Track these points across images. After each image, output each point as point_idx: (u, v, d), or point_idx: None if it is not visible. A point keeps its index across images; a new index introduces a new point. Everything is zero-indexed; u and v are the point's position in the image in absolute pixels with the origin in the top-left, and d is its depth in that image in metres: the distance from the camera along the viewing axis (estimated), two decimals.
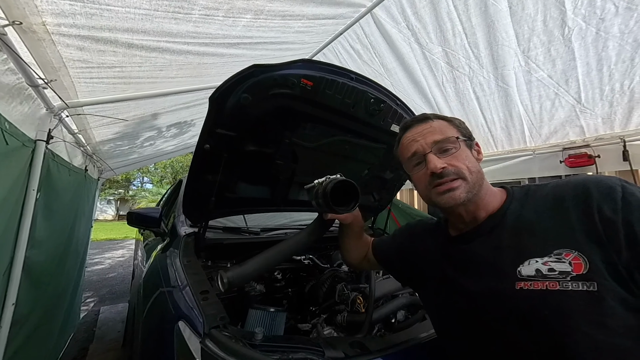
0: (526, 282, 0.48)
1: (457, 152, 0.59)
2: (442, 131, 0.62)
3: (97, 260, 6.56)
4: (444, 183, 0.58)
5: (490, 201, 0.60)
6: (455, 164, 0.58)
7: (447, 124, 0.64)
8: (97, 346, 2.46)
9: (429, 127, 0.63)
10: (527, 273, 0.48)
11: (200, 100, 2.24)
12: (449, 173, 0.58)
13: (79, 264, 2.45)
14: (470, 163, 0.59)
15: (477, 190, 0.58)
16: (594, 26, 1.34)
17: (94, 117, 1.75)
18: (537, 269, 0.47)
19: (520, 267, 0.49)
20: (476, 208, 0.60)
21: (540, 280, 0.47)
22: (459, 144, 0.60)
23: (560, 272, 0.45)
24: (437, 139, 0.61)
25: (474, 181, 0.58)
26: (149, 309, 1.06)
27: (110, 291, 4.25)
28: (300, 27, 1.63)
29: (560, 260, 0.46)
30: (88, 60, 1.23)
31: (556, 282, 0.45)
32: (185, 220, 1.41)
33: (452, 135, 0.61)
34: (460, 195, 0.57)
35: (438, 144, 0.60)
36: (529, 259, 0.49)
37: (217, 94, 0.90)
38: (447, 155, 0.60)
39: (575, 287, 0.44)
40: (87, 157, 2.24)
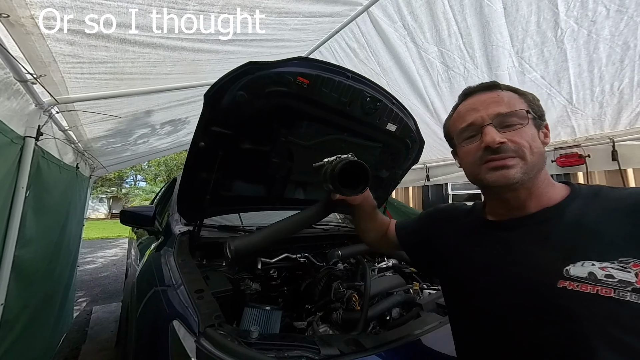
0: (572, 282, 0.44)
1: (522, 128, 0.52)
2: (511, 103, 0.54)
3: (89, 260, 6.46)
4: (498, 159, 0.52)
5: (547, 192, 0.54)
6: (518, 140, 0.51)
7: (517, 96, 0.56)
8: (90, 346, 2.43)
9: (495, 97, 0.56)
10: (577, 274, 0.44)
11: (195, 98, 2.22)
12: (507, 149, 0.51)
13: (71, 263, 2.40)
14: (535, 143, 0.52)
15: (535, 174, 0.52)
16: (585, 28, 1.36)
17: (85, 114, 1.72)
18: (591, 272, 0.43)
19: (569, 266, 0.45)
20: (528, 196, 0.54)
21: (591, 284, 0.43)
22: (527, 119, 0.53)
23: (620, 280, 0.41)
24: (503, 112, 0.53)
25: (534, 163, 0.52)
26: (142, 308, 1.05)
27: (103, 290, 4.19)
28: (297, 24, 1.61)
29: (625, 269, 0.41)
30: (79, 55, 1.20)
31: (612, 289, 0.41)
32: (179, 218, 1.40)
33: (521, 108, 0.53)
34: (515, 174, 0.51)
35: (502, 117, 0.53)
36: (584, 260, 0.44)
37: (212, 91, 0.89)
38: (510, 130, 0.53)
39: (635, 300, 0.40)
40: (78, 155, 2.20)
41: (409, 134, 1.27)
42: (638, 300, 0.40)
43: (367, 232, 0.90)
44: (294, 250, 1.42)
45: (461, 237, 0.64)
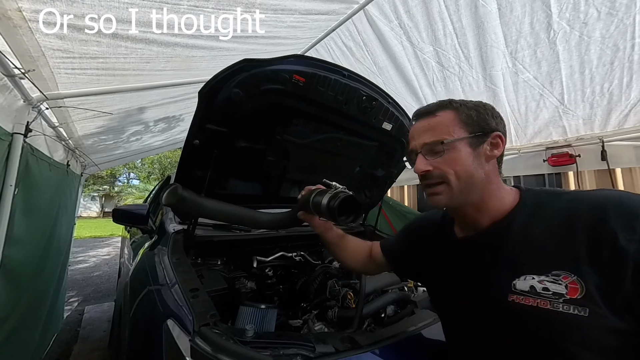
0: (518, 296, 0.48)
1: (446, 154, 0.55)
2: (437, 131, 0.57)
3: (81, 259, 6.35)
4: (429, 186, 0.58)
5: (495, 206, 0.57)
6: (442, 167, 0.56)
7: (452, 118, 0.57)
8: (82, 346, 2.39)
9: (426, 125, 0.59)
10: (521, 288, 0.48)
11: (189, 95, 2.19)
12: (432, 177, 0.57)
13: (62, 262, 2.36)
14: (462, 166, 0.55)
15: (468, 195, 0.56)
16: (577, 30, 1.39)
17: (76, 110, 1.68)
18: (532, 285, 0.47)
19: (516, 281, 0.49)
20: (476, 212, 0.58)
21: (532, 297, 0.47)
22: (451, 146, 0.55)
23: (554, 292, 0.45)
24: (427, 141, 0.57)
25: (461, 187, 0.55)
26: (136, 307, 1.04)
27: (96, 290, 4.13)
28: (293, 21, 1.60)
29: (557, 282, 0.45)
30: (69, 50, 1.17)
31: (547, 301, 0.45)
32: (173, 217, 1.38)
33: (442, 138, 0.56)
34: (441, 200, 0.57)
35: (428, 146, 0.57)
36: (526, 275, 0.48)
37: (207, 89, 0.88)
38: (436, 157, 0.56)
39: (566, 310, 0.44)
40: (69, 152, 2.15)
41: (405, 132, 1.28)
42: (569, 310, 0.44)
43: (345, 260, 0.92)
44: (290, 249, 1.42)
45: (436, 255, 0.70)
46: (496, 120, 0.59)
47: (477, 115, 0.58)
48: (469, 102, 0.60)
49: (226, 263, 1.27)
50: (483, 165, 0.56)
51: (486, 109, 0.59)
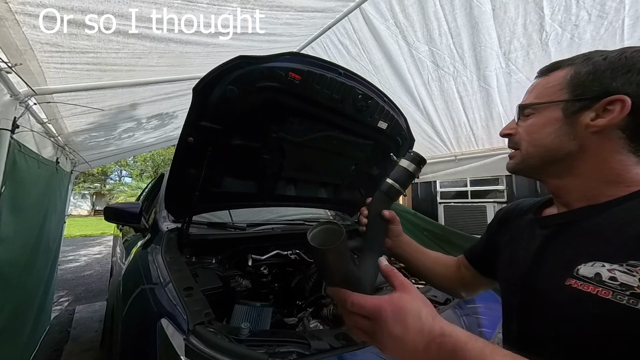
0: (577, 281, 0.43)
1: (531, 119, 0.53)
2: (538, 93, 0.53)
3: (71, 258, 6.22)
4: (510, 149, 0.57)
5: (598, 188, 0.47)
6: (520, 133, 0.54)
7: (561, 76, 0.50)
8: (73, 347, 2.35)
9: (536, 85, 0.55)
10: (584, 273, 0.43)
11: (183, 91, 2.15)
12: (511, 140, 0.56)
13: (51, 261, 2.31)
14: (537, 134, 0.51)
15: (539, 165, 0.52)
16: (569, 32, 1.41)
17: (65, 106, 1.64)
18: (599, 272, 0.41)
19: (581, 266, 0.43)
20: (568, 193, 0.51)
21: (593, 284, 0.41)
22: (536, 110, 0.52)
23: (621, 283, 0.39)
24: (521, 104, 0.55)
25: (531, 154, 0.52)
26: (129, 307, 1.02)
27: (87, 289, 4.06)
28: (289, 18, 1.59)
29: (630, 272, 0.38)
30: (58, 44, 1.14)
31: (611, 291, 0.39)
32: (167, 215, 1.36)
33: (533, 101, 0.53)
34: (509, 165, 0.56)
35: (519, 109, 0.55)
36: (595, 261, 0.42)
37: (201, 85, 0.87)
38: (525, 120, 0.54)
39: (632, 304, 0.37)
40: (58, 149, 2.10)
41: (400, 131, 1.29)
42: (635, 305, 0.37)
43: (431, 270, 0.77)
44: (285, 247, 1.42)
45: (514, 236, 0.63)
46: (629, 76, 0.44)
47: (590, 73, 0.47)
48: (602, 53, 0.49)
49: (221, 261, 1.26)
50: (578, 135, 0.47)
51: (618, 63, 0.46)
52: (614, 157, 0.46)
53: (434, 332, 0.39)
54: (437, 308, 1.01)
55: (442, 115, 2.23)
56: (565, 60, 0.52)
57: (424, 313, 0.40)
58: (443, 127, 2.35)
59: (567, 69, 0.50)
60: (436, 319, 0.41)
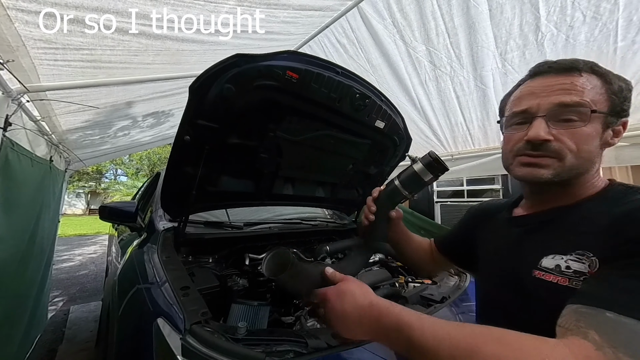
0: (541, 272, 0.49)
1: (579, 126, 0.46)
2: (582, 93, 0.46)
3: (66, 257, 6.15)
4: (534, 157, 0.49)
5: (578, 192, 0.51)
6: (565, 141, 0.46)
7: (600, 85, 0.47)
8: (67, 347, 2.33)
9: (567, 83, 0.47)
10: (547, 265, 0.49)
11: (179, 90, 2.14)
12: (548, 149, 0.47)
13: (45, 261, 2.28)
14: (586, 146, 0.47)
15: (569, 177, 0.49)
16: (564, 33, 1.43)
17: (59, 104, 1.62)
18: (557, 264, 0.48)
19: (543, 259, 0.49)
20: (555, 195, 0.53)
21: (554, 274, 0.47)
22: (588, 117, 0.45)
23: (575, 271, 0.45)
24: (565, 102, 0.46)
25: (573, 167, 0.47)
26: (125, 306, 1.02)
27: (81, 289, 4.02)
28: (286, 17, 1.59)
29: (580, 261, 0.45)
30: (51, 40, 1.12)
31: (567, 279, 0.46)
32: (163, 214, 1.35)
33: (587, 101, 0.45)
34: (544, 174, 0.49)
35: (561, 109, 0.47)
36: (555, 254, 0.49)
37: (197, 84, 0.87)
38: (564, 126, 0.47)
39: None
40: (52, 147, 2.07)
41: (397, 131, 1.29)
42: None
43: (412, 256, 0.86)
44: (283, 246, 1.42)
45: (489, 233, 0.68)
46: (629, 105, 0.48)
47: (626, 91, 0.48)
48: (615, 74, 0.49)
49: (218, 261, 1.26)
50: (599, 152, 0.49)
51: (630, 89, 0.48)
52: (598, 170, 0.52)
53: (365, 304, 0.48)
54: (432, 306, 1.02)
55: (439, 115, 2.24)
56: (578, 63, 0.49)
57: (357, 292, 0.50)
58: (440, 126, 2.36)
59: (596, 78, 0.48)
60: (367, 294, 0.49)
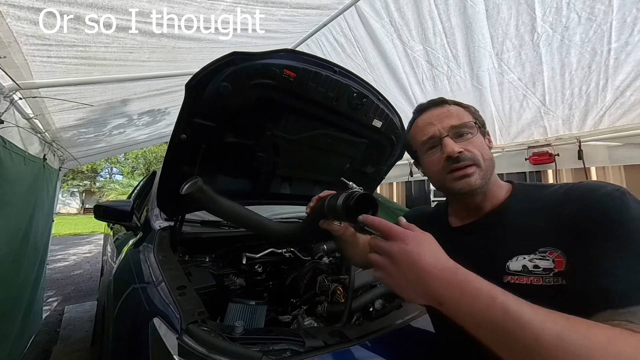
0: (513, 277, 0.51)
1: (473, 137, 0.60)
2: (460, 116, 0.61)
3: (60, 257, 6.08)
4: (460, 168, 0.58)
5: (496, 193, 0.61)
6: (472, 149, 0.58)
7: (463, 109, 0.64)
8: (62, 347, 2.31)
9: (446, 112, 0.63)
10: (515, 268, 0.51)
11: (176, 87, 2.12)
12: (465, 158, 0.58)
13: (39, 261, 2.25)
14: (485, 150, 0.60)
15: (489, 178, 0.59)
16: (559, 33, 1.44)
17: (53, 101, 1.59)
18: (524, 265, 0.50)
19: (509, 262, 0.52)
20: (483, 199, 0.61)
21: (525, 276, 0.50)
22: (475, 129, 0.60)
23: (544, 268, 0.48)
24: (455, 124, 0.60)
25: (487, 168, 0.59)
26: (120, 306, 1.01)
27: (76, 289, 3.98)
28: (283, 15, 1.58)
29: (544, 258, 0.49)
30: (44, 36, 1.10)
31: (540, 277, 0.48)
32: (159, 213, 1.34)
33: (469, 120, 0.61)
34: (476, 181, 0.58)
35: (455, 129, 0.60)
36: (517, 256, 0.51)
37: (194, 82, 0.86)
38: (463, 140, 0.60)
39: (556, 282, 0.47)
40: (45, 145, 2.04)
41: (394, 130, 1.30)
42: (559, 282, 0.47)
43: (353, 257, 0.91)
44: (279, 245, 1.42)
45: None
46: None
47: (476, 112, 0.64)
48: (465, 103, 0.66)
49: (214, 260, 1.25)
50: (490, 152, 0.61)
51: (477, 110, 0.65)
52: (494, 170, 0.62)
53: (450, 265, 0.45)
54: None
55: None
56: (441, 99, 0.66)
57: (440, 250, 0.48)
58: None
59: (457, 106, 0.64)
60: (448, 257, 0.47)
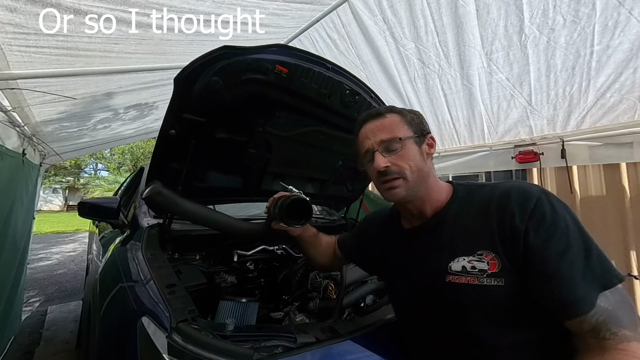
0: (454, 276, 0.57)
1: (401, 151, 0.63)
2: (391, 130, 0.64)
3: (42, 256, 5.86)
4: (388, 181, 0.63)
5: (436, 197, 0.65)
6: (399, 163, 0.62)
7: (399, 119, 0.66)
8: (45, 349, 2.24)
9: (379, 125, 0.66)
10: (455, 268, 0.57)
11: (164, 81, 2.06)
12: (391, 172, 0.62)
13: (18, 260, 2.16)
14: (414, 162, 0.62)
15: (418, 188, 0.63)
16: (545, 35, 1.48)
17: (32, 93, 1.52)
18: (463, 265, 0.56)
19: (451, 263, 0.57)
20: (422, 203, 0.65)
21: (464, 276, 0.55)
22: (404, 144, 0.63)
23: (479, 269, 0.54)
24: (384, 138, 0.64)
25: (415, 180, 0.62)
26: (107, 306, 0.98)
27: (60, 289, 3.85)
28: (275, 9, 1.55)
29: (481, 260, 0.54)
30: (21, 24, 1.04)
31: (475, 277, 0.54)
32: (148, 210, 1.31)
33: (398, 135, 0.63)
34: (400, 193, 0.62)
35: (385, 143, 0.63)
36: (459, 257, 0.57)
37: (183, 75, 0.84)
38: (392, 154, 0.63)
39: (488, 282, 0.53)
40: (25, 139, 1.95)
41: None
42: (490, 282, 0.53)
43: (316, 258, 0.97)
44: (271, 242, 1.42)
45: (386, 245, 0.77)
46: (427, 125, 0.69)
47: (417, 118, 0.67)
48: (407, 109, 0.69)
49: (205, 258, 1.24)
50: (425, 162, 0.65)
51: (420, 116, 0.69)
52: (435, 175, 0.67)
53: None
54: None
55: (427, 113, 2.28)
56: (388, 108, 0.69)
57: None
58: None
59: (396, 114, 0.67)
60: None
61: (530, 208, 0.52)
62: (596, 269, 0.47)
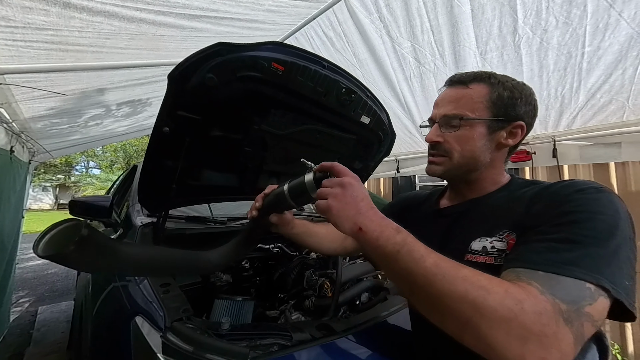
0: (471, 255, 0.55)
1: (460, 131, 0.57)
2: (461, 105, 0.57)
3: (32, 255, 5.73)
4: (432, 155, 0.61)
5: (486, 186, 0.61)
6: (452, 143, 0.58)
7: (482, 95, 0.56)
8: (36, 350, 2.20)
9: (454, 96, 0.59)
10: (475, 248, 0.55)
11: (158, 77, 2.02)
12: (440, 148, 0.59)
13: (7, 260, 2.11)
14: (471, 147, 0.57)
15: (464, 173, 0.60)
16: (538, 36, 1.50)
17: (20, 89, 1.47)
18: (484, 245, 0.54)
19: (472, 243, 0.55)
20: (467, 187, 0.63)
21: (482, 255, 0.54)
22: (468, 123, 0.56)
23: (498, 249, 0.52)
24: (448, 113, 0.58)
25: (462, 165, 0.59)
26: (100, 305, 0.97)
27: (51, 289, 3.78)
28: (271, 5, 1.54)
29: (501, 240, 0.52)
30: (9, 17, 1.01)
31: (493, 257, 0.52)
32: (141, 209, 1.29)
33: (463, 113, 0.56)
34: (436, 170, 0.61)
35: (446, 118, 0.58)
36: (481, 237, 0.55)
37: (177, 72, 0.82)
38: (450, 130, 0.58)
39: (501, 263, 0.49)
40: (13, 136, 1.90)
41: (382, 126, 1.31)
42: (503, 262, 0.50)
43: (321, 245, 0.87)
44: (267, 241, 1.41)
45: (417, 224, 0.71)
46: (527, 107, 0.58)
47: (509, 98, 0.57)
48: (510, 80, 0.59)
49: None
50: (492, 151, 0.58)
51: (522, 94, 0.58)
52: (501, 167, 0.62)
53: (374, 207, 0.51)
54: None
55: (422, 111, 2.30)
56: (480, 75, 0.59)
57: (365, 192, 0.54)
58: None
59: (486, 86, 0.57)
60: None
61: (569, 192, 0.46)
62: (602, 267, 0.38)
